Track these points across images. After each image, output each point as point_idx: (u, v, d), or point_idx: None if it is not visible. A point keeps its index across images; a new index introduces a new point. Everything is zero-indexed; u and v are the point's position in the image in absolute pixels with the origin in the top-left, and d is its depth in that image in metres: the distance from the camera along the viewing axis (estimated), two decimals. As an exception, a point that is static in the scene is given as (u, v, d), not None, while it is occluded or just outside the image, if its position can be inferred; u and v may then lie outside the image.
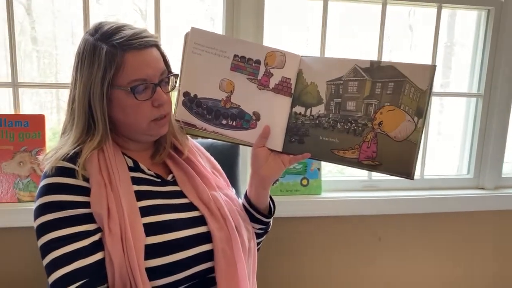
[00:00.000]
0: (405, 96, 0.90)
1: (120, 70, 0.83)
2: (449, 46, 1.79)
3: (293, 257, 1.55)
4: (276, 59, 0.95)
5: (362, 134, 0.92)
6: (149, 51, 0.86)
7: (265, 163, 0.97)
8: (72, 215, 0.82)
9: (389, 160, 0.91)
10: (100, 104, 0.84)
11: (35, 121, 1.28)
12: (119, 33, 0.84)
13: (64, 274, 0.79)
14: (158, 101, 0.87)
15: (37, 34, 1.47)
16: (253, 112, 0.97)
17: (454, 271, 1.69)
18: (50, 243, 0.80)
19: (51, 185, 0.83)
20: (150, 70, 0.85)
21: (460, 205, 1.62)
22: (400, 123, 0.90)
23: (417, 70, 0.89)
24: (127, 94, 0.84)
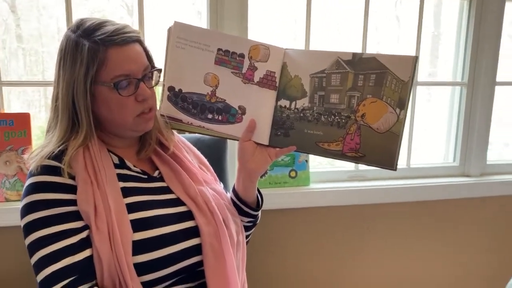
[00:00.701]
0: (387, 87, 0.91)
1: (103, 66, 0.83)
2: (436, 35, 1.81)
3: (282, 248, 1.56)
4: (260, 53, 0.95)
5: (346, 127, 0.94)
6: (132, 46, 0.86)
7: (252, 157, 0.97)
8: (59, 213, 0.82)
9: (372, 151, 0.93)
10: (83, 100, 0.84)
11: (21, 119, 1.27)
12: (101, 29, 0.84)
13: (53, 272, 0.79)
14: (142, 96, 0.87)
15: (22, 31, 1.46)
16: (239, 106, 0.97)
17: (441, 257, 1.72)
18: (37, 241, 0.81)
19: (37, 184, 0.83)
20: (133, 66, 0.86)
21: (446, 192, 1.64)
22: (383, 115, 0.92)
23: (399, 61, 0.90)
24: (111, 90, 0.85)
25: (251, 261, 1.13)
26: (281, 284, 1.59)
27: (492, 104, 1.67)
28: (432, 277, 1.73)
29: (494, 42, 1.62)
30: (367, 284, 1.68)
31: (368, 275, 1.67)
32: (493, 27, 1.61)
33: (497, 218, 1.74)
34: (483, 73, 1.63)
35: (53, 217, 0.82)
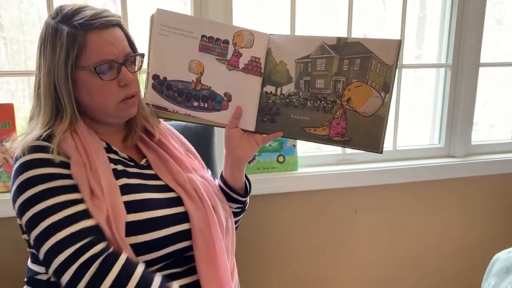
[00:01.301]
0: (372, 72, 0.91)
1: (83, 51, 0.83)
2: (422, 17, 1.81)
3: (271, 233, 1.58)
4: (244, 39, 0.95)
5: (332, 111, 0.94)
6: (112, 30, 0.85)
7: (239, 144, 0.98)
8: (60, 185, 0.81)
9: (358, 135, 0.94)
10: (65, 86, 0.83)
11: (4, 110, 1.26)
12: (80, 14, 0.84)
13: (58, 241, 0.77)
14: (124, 81, 0.86)
15: (3, 20, 1.43)
16: (224, 93, 0.97)
17: (428, 237, 1.76)
18: (41, 213, 0.78)
19: (29, 162, 0.81)
20: (114, 49, 0.85)
21: (432, 173, 1.67)
22: (368, 98, 0.93)
23: (383, 45, 0.90)
24: (92, 74, 0.84)
25: (240, 246, 1.14)
26: (271, 269, 1.61)
27: (476, 85, 1.69)
28: (419, 256, 1.77)
29: (478, 23, 1.63)
30: (357, 266, 1.71)
31: (357, 257, 1.70)
32: (477, 8, 1.62)
33: (482, 198, 1.78)
34: (467, 55, 1.65)
35: (54, 189, 0.80)
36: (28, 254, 0.92)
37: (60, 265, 0.76)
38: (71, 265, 0.76)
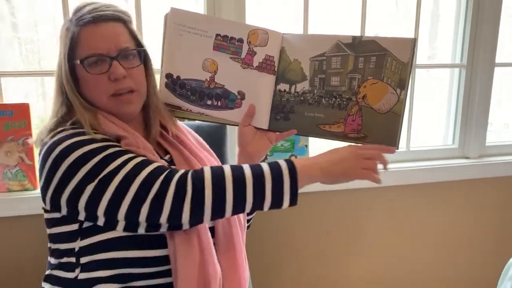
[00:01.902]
0: (387, 69, 0.91)
1: (78, 46, 0.85)
2: (436, 16, 1.79)
3: (280, 233, 1.57)
4: (259, 37, 0.95)
5: (347, 108, 0.94)
6: (106, 25, 0.86)
7: (252, 142, 0.98)
8: (115, 151, 0.82)
9: (374, 132, 0.94)
10: (68, 82, 0.86)
11: (20, 110, 1.27)
12: (80, 10, 0.87)
13: (150, 172, 0.79)
14: (114, 75, 0.86)
15: (17, 20, 1.45)
16: (238, 92, 0.97)
17: (443, 239, 1.74)
18: (119, 167, 0.79)
19: (73, 144, 0.81)
20: (105, 44, 0.85)
21: (445, 175, 1.65)
22: (384, 95, 0.92)
23: (398, 43, 0.91)
24: (82, 68, 0.86)
25: (250, 246, 1.14)
26: (281, 269, 1.61)
27: (491, 86, 1.67)
28: (432, 258, 1.75)
29: (494, 22, 1.61)
30: (366, 268, 1.70)
31: (366, 259, 1.69)
32: (493, 7, 1.60)
33: (497, 199, 1.75)
34: (482, 55, 1.63)
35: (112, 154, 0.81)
36: (47, 251, 0.93)
37: (155, 196, 0.78)
38: (167, 190, 0.78)
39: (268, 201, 0.81)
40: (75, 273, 0.85)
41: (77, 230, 0.85)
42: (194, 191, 0.78)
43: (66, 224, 0.86)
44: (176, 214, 0.78)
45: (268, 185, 0.80)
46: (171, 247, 0.84)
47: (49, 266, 0.92)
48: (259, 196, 0.81)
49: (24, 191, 1.30)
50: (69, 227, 0.86)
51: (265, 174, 0.81)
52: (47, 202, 0.86)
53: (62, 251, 0.88)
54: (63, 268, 0.88)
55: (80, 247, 0.85)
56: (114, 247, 0.83)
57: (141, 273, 0.85)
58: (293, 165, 0.83)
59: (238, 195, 0.80)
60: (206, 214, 0.79)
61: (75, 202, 0.81)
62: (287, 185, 0.81)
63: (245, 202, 0.80)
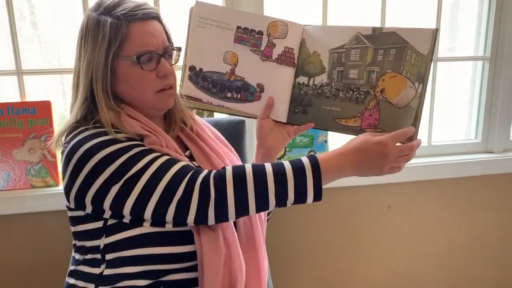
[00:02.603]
0: (407, 62, 0.89)
1: (126, 41, 0.85)
2: (455, 7, 1.75)
3: (301, 228, 1.57)
4: (279, 29, 0.94)
5: (364, 102, 0.93)
6: (152, 22, 0.88)
7: (270, 135, 0.98)
8: (145, 149, 0.84)
9: (391, 127, 0.91)
10: (102, 76, 0.85)
11: (42, 107, 1.29)
12: (122, 6, 0.86)
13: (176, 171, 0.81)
14: (163, 72, 0.88)
15: (37, 19, 1.47)
16: (257, 84, 0.97)
17: (465, 235, 1.71)
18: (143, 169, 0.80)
19: (98, 144, 0.82)
20: (155, 41, 0.87)
21: (469, 169, 1.62)
22: (402, 89, 0.90)
23: (418, 34, 0.88)
24: (133, 64, 0.86)
25: (269, 242, 1.13)
26: (301, 265, 1.60)
27: (516, 78, 1.63)
28: (454, 255, 1.72)
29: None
30: (389, 264, 1.68)
31: (390, 255, 1.67)
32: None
33: (521, 195, 1.71)
34: (507, 47, 1.58)
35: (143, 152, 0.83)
36: (71, 247, 0.94)
37: (181, 198, 0.79)
38: (192, 193, 0.79)
39: (291, 199, 0.81)
40: (100, 269, 0.86)
41: (102, 227, 0.85)
42: (217, 194, 0.79)
43: (90, 222, 0.87)
44: (202, 216, 0.80)
45: (290, 184, 0.80)
46: (197, 243, 0.84)
47: (74, 262, 0.93)
48: (282, 195, 0.81)
49: (46, 188, 1.32)
50: (94, 225, 0.87)
51: (287, 172, 0.81)
52: (71, 201, 0.87)
53: (87, 248, 0.89)
54: (88, 264, 0.89)
55: (105, 244, 0.86)
56: (140, 244, 0.83)
57: (168, 269, 0.85)
58: (316, 161, 0.82)
59: (261, 195, 0.80)
60: (230, 215, 0.81)
61: (100, 202, 0.82)
62: (310, 183, 0.81)
63: (268, 201, 0.81)
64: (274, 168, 0.82)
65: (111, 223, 0.85)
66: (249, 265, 0.90)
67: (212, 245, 0.84)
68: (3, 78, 1.40)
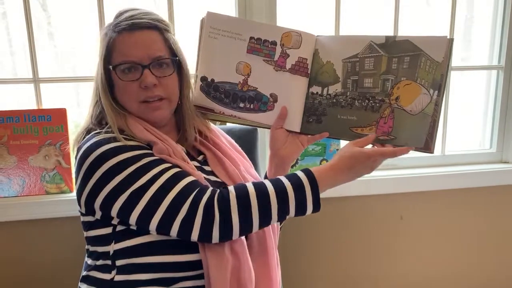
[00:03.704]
0: (421, 69, 0.89)
1: (113, 52, 0.87)
2: (469, 18, 1.74)
3: (313, 238, 1.56)
4: (292, 40, 0.95)
5: (379, 110, 0.93)
6: (141, 33, 0.88)
7: (284, 144, 0.98)
8: (154, 159, 0.84)
9: (403, 133, 0.92)
10: (102, 85, 0.89)
11: (58, 115, 1.31)
12: (119, 17, 0.89)
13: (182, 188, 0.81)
14: (144, 83, 0.87)
15: (53, 29, 1.49)
16: (270, 94, 0.97)
17: (478, 246, 1.68)
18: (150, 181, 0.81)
19: (108, 151, 0.83)
20: (138, 52, 0.87)
21: (483, 180, 1.59)
22: (416, 96, 0.91)
23: (432, 42, 0.89)
24: (115, 74, 0.88)
25: (283, 250, 1.13)
26: (311, 274, 1.59)
27: (532, 87, 1.61)
28: (470, 266, 1.69)
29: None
30: (401, 274, 1.65)
31: (402, 265, 1.64)
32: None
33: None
34: (522, 56, 1.57)
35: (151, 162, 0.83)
36: (85, 252, 0.95)
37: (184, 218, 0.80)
38: (196, 213, 0.80)
39: (292, 214, 0.84)
40: (111, 275, 0.87)
41: (111, 233, 0.86)
42: (221, 215, 0.80)
43: (100, 227, 0.88)
44: (206, 236, 0.81)
45: (291, 201, 0.82)
46: (202, 254, 0.84)
47: (86, 267, 0.94)
48: (284, 211, 0.83)
49: (61, 194, 1.33)
50: (104, 231, 0.87)
51: (288, 189, 0.83)
52: (82, 205, 0.88)
53: (98, 254, 0.89)
54: (99, 269, 0.89)
55: (115, 250, 0.86)
56: (149, 251, 0.84)
57: (178, 276, 0.85)
58: (312, 176, 0.84)
59: (264, 213, 0.82)
60: (234, 233, 0.82)
61: (108, 209, 0.83)
62: (310, 198, 0.83)
63: (271, 218, 0.83)
64: (275, 186, 0.83)
65: (120, 229, 0.85)
66: (260, 274, 0.90)
67: (218, 256, 0.84)
68: (19, 86, 1.42)
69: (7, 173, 1.31)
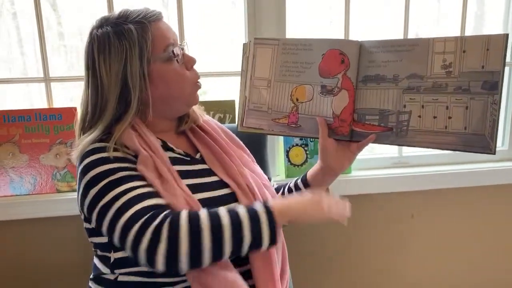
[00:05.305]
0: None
1: (153, 42, 0.86)
2: (479, 15, 1.72)
3: (324, 236, 1.55)
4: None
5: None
6: (164, 21, 0.91)
7: (335, 155, 0.97)
8: (127, 175, 0.82)
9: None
10: (140, 83, 0.85)
11: (68, 113, 1.32)
12: (133, 13, 0.88)
13: (133, 214, 0.77)
14: (191, 62, 0.91)
15: (63, 29, 1.50)
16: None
17: (491, 244, 1.66)
18: (112, 200, 0.79)
19: (94, 161, 0.83)
20: (174, 36, 0.91)
21: (495, 178, 1.58)
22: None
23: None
24: (166, 62, 0.88)
25: (293, 250, 1.12)
26: (322, 273, 1.58)
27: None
28: (484, 265, 1.68)
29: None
30: (413, 274, 1.64)
31: (413, 264, 1.63)
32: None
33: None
34: (534, 52, 1.55)
35: (122, 179, 0.81)
36: (93, 253, 0.96)
37: (133, 240, 0.76)
38: (142, 238, 0.75)
39: (246, 247, 0.79)
40: (115, 275, 0.88)
41: (107, 242, 0.87)
42: (168, 242, 0.74)
43: (98, 236, 0.89)
44: (151, 261, 0.76)
45: (247, 233, 0.77)
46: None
47: (94, 267, 0.95)
48: (237, 244, 0.77)
49: (72, 192, 1.34)
50: (101, 239, 0.89)
51: (243, 221, 0.78)
52: (81, 212, 0.89)
53: (102, 257, 0.91)
54: (105, 270, 0.90)
55: (115, 259, 0.87)
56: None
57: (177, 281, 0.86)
58: (269, 209, 0.80)
59: (215, 245, 0.76)
60: (182, 263, 0.75)
61: (90, 221, 0.85)
62: (266, 232, 0.78)
63: (223, 252, 0.77)
64: (230, 217, 0.78)
65: None
66: (261, 272, 0.88)
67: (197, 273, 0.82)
68: (28, 85, 1.43)
69: (19, 171, 1.32)
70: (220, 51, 1.55)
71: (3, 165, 1.31)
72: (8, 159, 1.31)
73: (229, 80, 1.48)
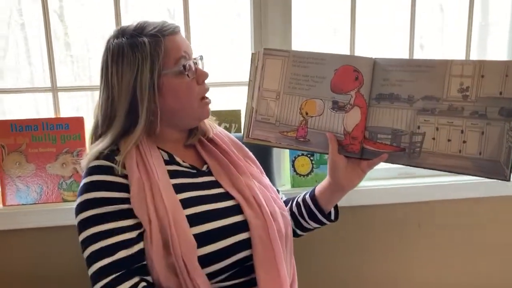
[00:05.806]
0: None
1: (166, 56, 0.87)
2: (484, 26, 1.73)
3: (331, 247, 1.54)
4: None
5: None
6: (180, 35, 0.91)
7: (345, 172, 0.95)
8: (113, 210, 0.84)
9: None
10: (149, 95, 0.86)
11: (75, 123, 1.33)
12: (149, 26, 0.88)
13: (101, 267, 0.81)
14: (203, 76, 0.92)
15: (70, 39, 1.52)
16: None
17: (499, 256, 1.65)
18: (91, 237, 0.83)
19: (91, 183, 0.85)
20: (188, 49, 0.91)
21: (502, 189, 1.56)
22: None
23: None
24: (176, 76, 0.88)
25: (300, 258, 1.12)
26: (330, 282, 1.57)
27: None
28: (490, 275, 1.66)
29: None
30: (419, 282, 1.63)
31: (419, 273, 1.62)
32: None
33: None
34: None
35: (107, 215, 0.83)
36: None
37: None
38: None
39: None
40: None
41: None
42: None
43: None
44: None
45: None
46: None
47: None
48: None
49: (77, 202, 1.34)
50: None
51: None
52: None
53: None
54: None
55: None
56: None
57: None
58: None
59: None
60: None
61: None
62: None
63: None
64: None
65: None
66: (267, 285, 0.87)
67: None
68: (34, 94, 1.44)
69: (25, 180, 1.32)
70: (225, 61, 1.56)
71: (10, 174, 1.31)
72: (14, 168, 1.31)
73: (234, 90, 1.49)
